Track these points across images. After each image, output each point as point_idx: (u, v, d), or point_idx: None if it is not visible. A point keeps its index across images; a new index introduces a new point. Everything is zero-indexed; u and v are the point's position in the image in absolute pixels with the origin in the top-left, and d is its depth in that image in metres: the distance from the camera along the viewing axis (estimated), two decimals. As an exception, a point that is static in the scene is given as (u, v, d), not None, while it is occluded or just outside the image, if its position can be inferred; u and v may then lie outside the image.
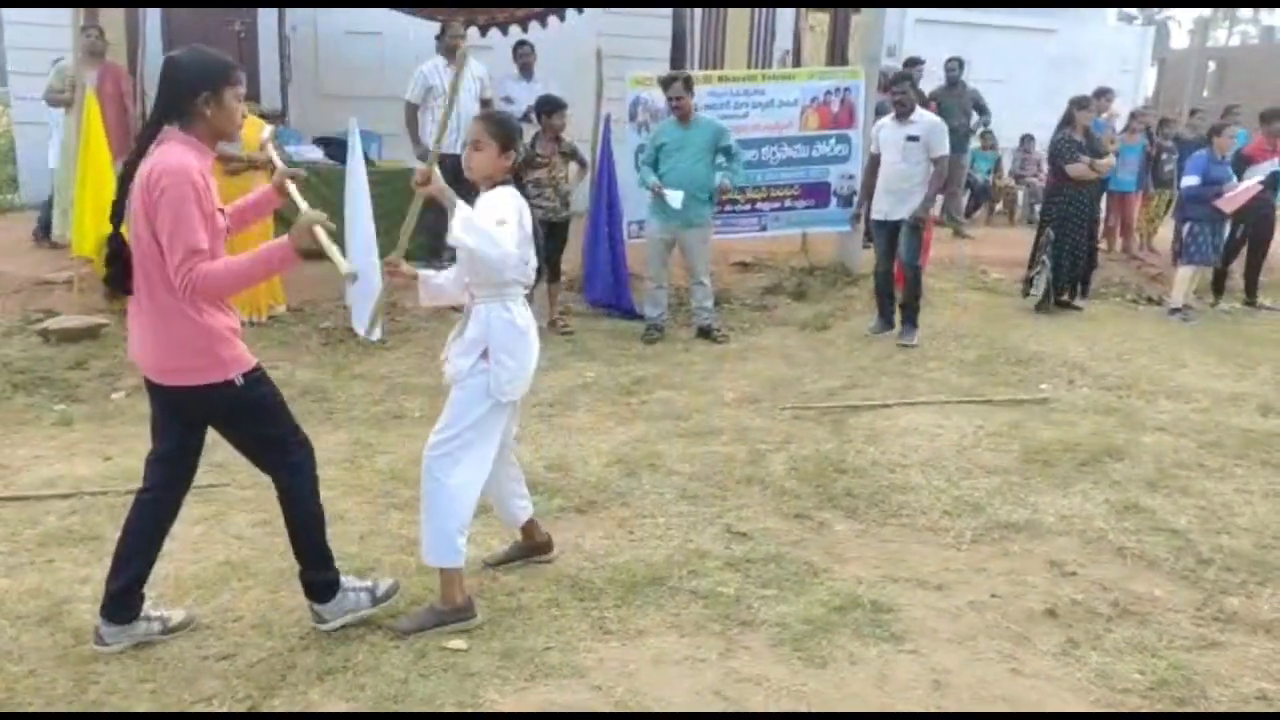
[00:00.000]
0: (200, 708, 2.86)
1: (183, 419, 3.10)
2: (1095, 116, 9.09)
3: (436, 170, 3.32)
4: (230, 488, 4.44)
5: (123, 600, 3.13)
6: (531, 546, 3.83)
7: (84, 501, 4.23)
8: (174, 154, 2.83)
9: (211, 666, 3.06)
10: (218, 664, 3.08)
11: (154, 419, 3.16)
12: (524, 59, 8.87)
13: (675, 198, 7.04)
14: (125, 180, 2.92)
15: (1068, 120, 8.43)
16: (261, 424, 3.12)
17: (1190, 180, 8.70)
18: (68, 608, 3.37)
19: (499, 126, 3.42)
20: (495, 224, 3.20)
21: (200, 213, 2.81)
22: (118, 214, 2.94)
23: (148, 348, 2.98)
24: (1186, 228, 8.78)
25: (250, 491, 4.40)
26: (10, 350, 6.08)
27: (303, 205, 3.06)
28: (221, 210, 2.99)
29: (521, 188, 3.53)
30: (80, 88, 6.71)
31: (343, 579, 3.31)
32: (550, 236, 7.17)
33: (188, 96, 2.88)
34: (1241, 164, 9.00)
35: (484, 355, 3.29)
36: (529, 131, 8.65)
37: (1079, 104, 8.44)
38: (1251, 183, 8.66)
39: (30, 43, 9.08)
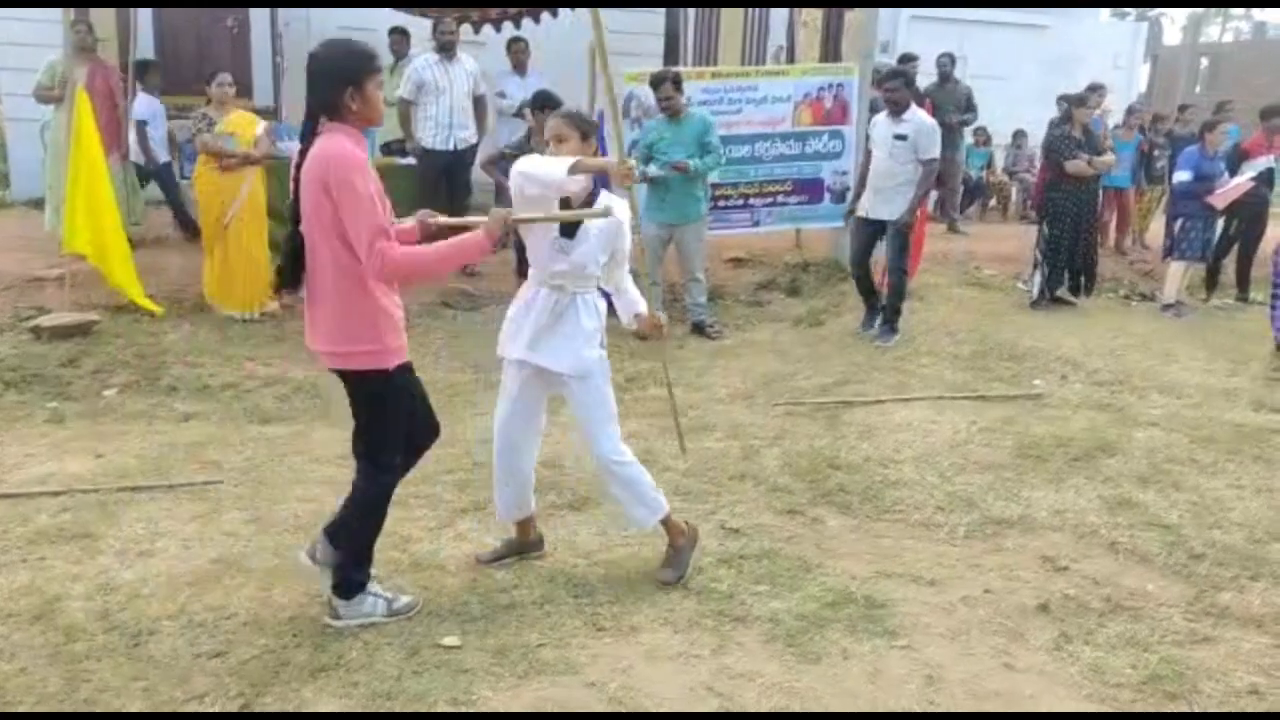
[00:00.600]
0: (192, 705, 2.85)
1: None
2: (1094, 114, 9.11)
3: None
4: (223, 485, 4.43)
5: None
6: (524, 544, 3.83)
7: (75, 499, 4.21)
8: (334, 142, 2.93)
9: (204, 664, 3.06)
10: (210, 661, 3.07)
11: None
12: (517, 55, 8.86)
13: (657, 172, 7.10)
14: (299, 180, 3.00)
15: (1066, 117, 8.44)
16: (388, 417, 3.20)
17: (1183, 176, 8.72)
18: (59, 606, 3.35)
19: (577, 117, 3.59)
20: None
21: (372, 193, 2.92)
22: (295, 213, 3.03)
23: (320, 333, 3.08)
24: (1178, 224, 8.79)
25: (242, 489, 4.39)
26: (1, 347, 6.06)
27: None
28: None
29: None
30: (70, 84, 6.69)
31: (369, 585, 3.33)
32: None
33: (335, 91, 2.95)
34: (1238, 158, 9.03)
35: (601, 344, 3.60)
36: (521, 128, 8.66)
37: (1077, 101, 8.45)
38: (1243, 179, 8.68)
39: (20, 38, 9.04)
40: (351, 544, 3.26)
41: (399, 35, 8.71)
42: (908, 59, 10.33)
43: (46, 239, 7.52)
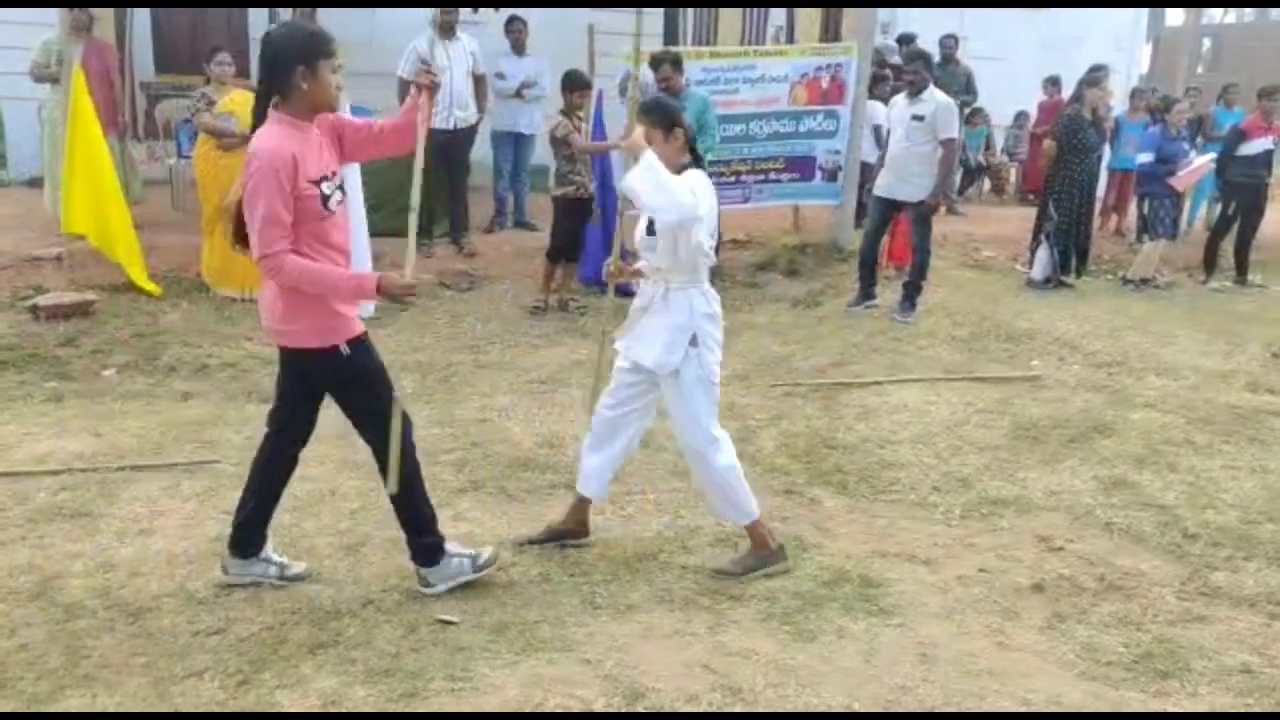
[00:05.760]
0: (192, 681, 2.87)
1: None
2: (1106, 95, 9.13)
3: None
4: (221, 464, 4.44)
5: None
6: (572, 531, 3.80)
7: (75, 478, 4.22)
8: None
9: (203, 641, 3.08)
10: (209, 638, 3.09)
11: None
12: (516, 35, 8.81)
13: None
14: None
15: (1076, 97, 8.46)
16: (359, 392, 3.23)
17: (1144, 157, 8.89)
18: (59, 583, 3.37)
19: (651, 112, 3.48)
20: (685, 189, 3.28)
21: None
22: None
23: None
24: (1147, 204, 8.91)
25: (241, 468, 4.38)
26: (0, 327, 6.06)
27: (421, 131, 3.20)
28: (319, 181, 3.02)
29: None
30: (67, 64, 6.66)
31: (446, 545, 3.39)
32: (578, 214, 7.15)
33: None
34: (1237, 140, 9.03)
35: (693, 342, 3.44)
36: (530, 111, 8.65)
37: (1089, 82, 8.44)
38: (1202, 161, 8.80)
39: (16, 17, 8.98)
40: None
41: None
42: (906, 39, 10.29)
43: (44, 219, 7.51)
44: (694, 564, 3.69)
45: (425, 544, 3.36)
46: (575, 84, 7.13)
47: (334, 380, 3.21)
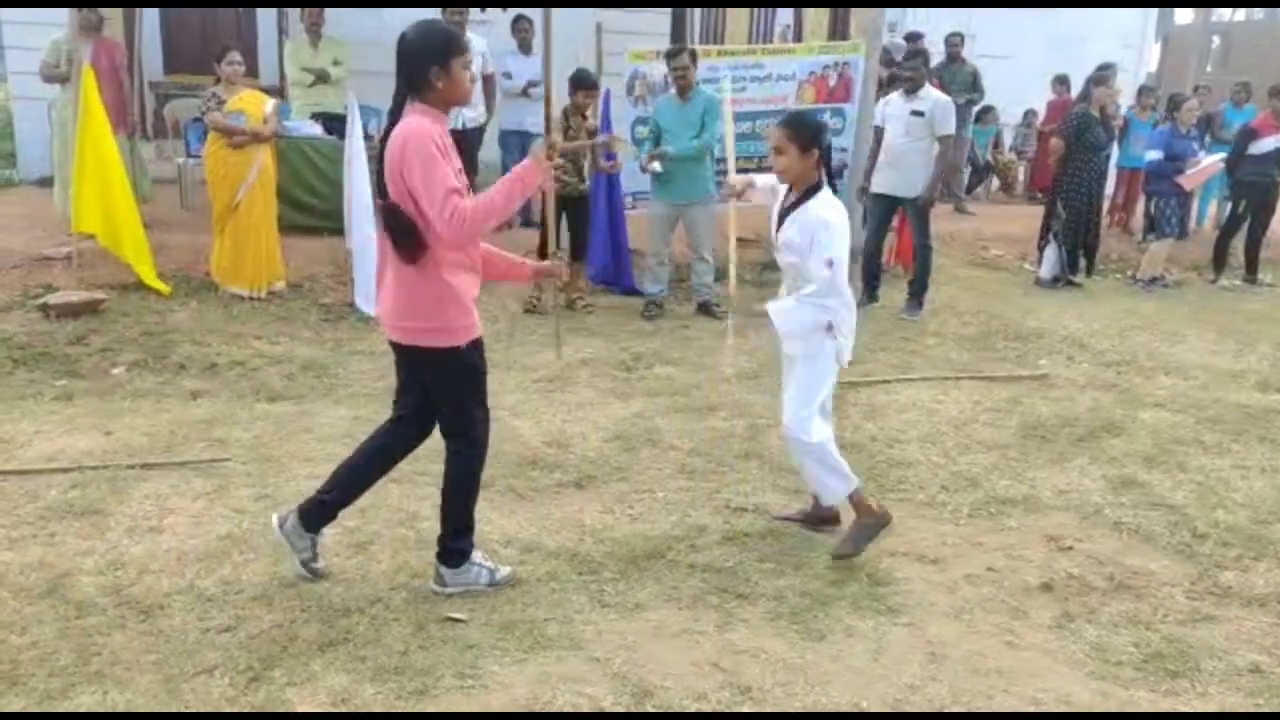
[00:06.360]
0: (202, 679, 2.88)
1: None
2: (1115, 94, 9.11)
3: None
4: (231, 463, 4.46)
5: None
6: (821, 517, 3.98)
7: (85, 476, 4.24)
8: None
9: (213, 638, 3.09)
10: (220, 636, 3.10)
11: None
12: (523, 34, 8.82)
13: (655, 165, 7.14)
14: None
15: (1084, 95, 8.47)
16: (468, 391, 3.28)
17: (1153, 155, 8.84)
18: (69, 580, 3.39)
19: (797, 127, 3.60)
20: (825, 269, 3.52)
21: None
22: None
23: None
24: (1154, 203, 8.89)
25: (250, 466, 4.42)
26: (10, 326, 6.08)
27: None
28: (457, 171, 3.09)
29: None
30: (76, 63, 6.67)
31: (473, 553, 3.42)
32: (571, 213, 7.16)
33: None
34: (1247, 139, 9.01)
35: (828, 329, 3.61)
36: (537, 109, 8.63)
37: (1097, 80, 8.44)
38: (1212, 160, 8.79)
39: (26, 16, 9.02)
40: (453, 513, 3.38)
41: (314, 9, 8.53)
42: (914, 37, 10.28)
43: (54, 218, 7.53)
44: (702, 562, 3.68)
45: (458, 548, 3.39)
46: (582, 83, 7.13)
47: (450, 373, 3.25)
